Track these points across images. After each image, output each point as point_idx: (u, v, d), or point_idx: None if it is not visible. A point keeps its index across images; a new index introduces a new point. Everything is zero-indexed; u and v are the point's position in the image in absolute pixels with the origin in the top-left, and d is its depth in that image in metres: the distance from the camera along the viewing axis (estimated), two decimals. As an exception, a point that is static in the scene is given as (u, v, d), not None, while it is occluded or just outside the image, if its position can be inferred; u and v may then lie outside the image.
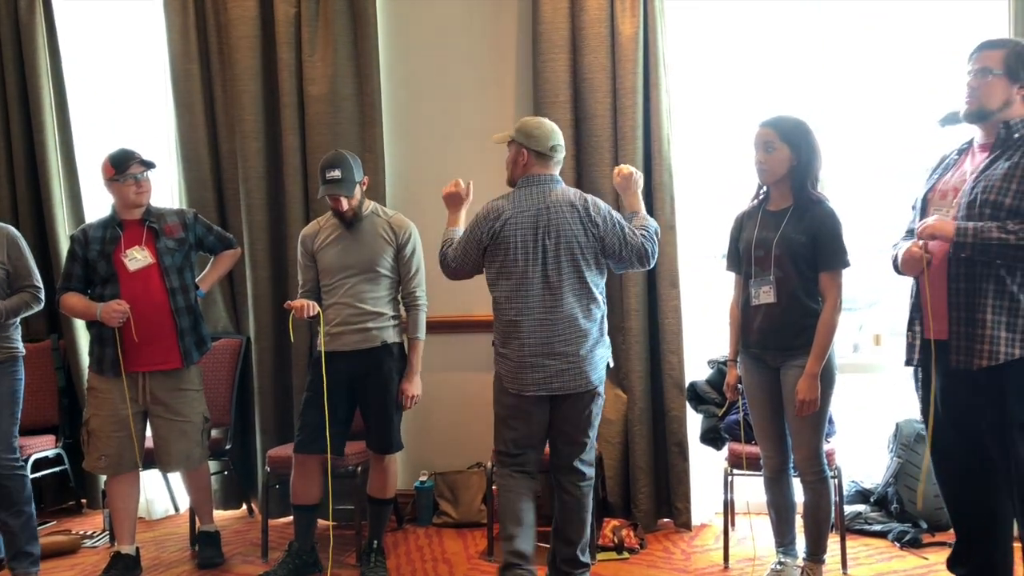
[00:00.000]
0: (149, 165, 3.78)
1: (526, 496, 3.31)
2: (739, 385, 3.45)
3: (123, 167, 3.70)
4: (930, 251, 2.70)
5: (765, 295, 3.21)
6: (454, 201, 3.54)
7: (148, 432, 3.86)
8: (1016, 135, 2.66)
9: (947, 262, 2.67)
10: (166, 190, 4.64)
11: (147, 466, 3.92)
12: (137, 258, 3.73)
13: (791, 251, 3.15)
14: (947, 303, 2.68)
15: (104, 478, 4.00)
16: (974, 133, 2.83)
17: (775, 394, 3.28)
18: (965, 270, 2.64)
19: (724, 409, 3.90)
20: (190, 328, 3.79)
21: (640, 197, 3.47)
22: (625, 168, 3.47)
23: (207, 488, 4.05)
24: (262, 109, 4.57)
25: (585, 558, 3.32)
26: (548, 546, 3.45)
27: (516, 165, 3.32)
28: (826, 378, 3.16)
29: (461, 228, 3.47)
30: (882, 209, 4.22)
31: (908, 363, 2.88)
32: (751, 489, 3.96)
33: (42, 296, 3.75)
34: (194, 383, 3.85)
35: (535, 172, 3.29)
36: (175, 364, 3.75)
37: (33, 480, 3.92)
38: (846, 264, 3.16)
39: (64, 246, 4.70)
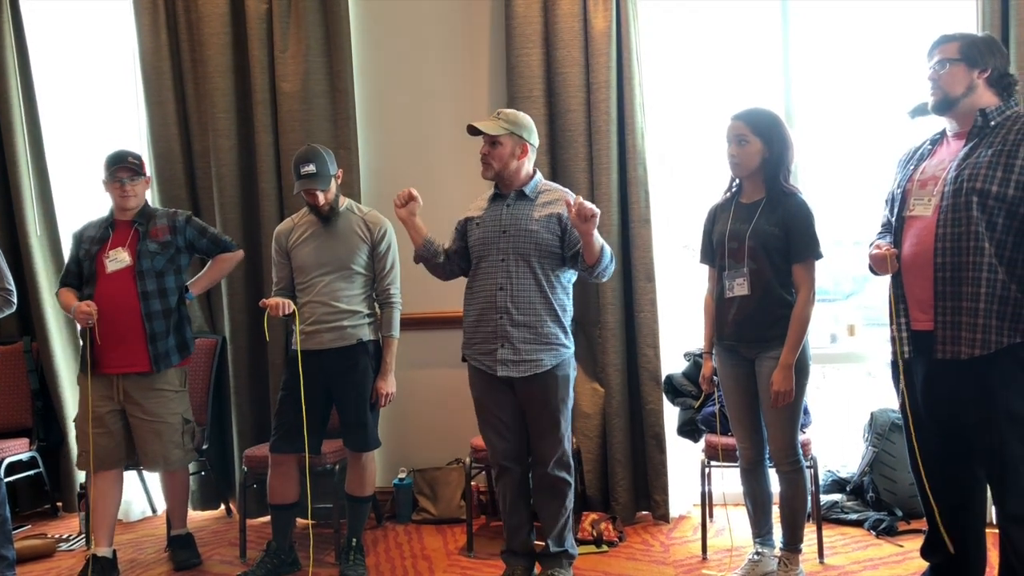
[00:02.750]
0: (137, 173, 3.75)
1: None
2: (715, 377, 3.47)
3: (111, 169, 3.72)
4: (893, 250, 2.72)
5: (739, 287, 3.22)
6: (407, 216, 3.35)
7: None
8: (993, 123, 2.67)
9: (932, 252, 2.66)
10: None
11: (132, 466, 3.90)
12: (117, 259, 3.72)
13: (764, 243, 3.16)
14: (933, 293, 2.67)
15: (80, 481, 3.98)
16: (942, 124, 2.84)
17: (750, 385, 3.30)
18: (951, 259, 2.63)
19: (700, 401, 3.91)
20: (165, 332, 3.75)
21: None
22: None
23: (183, 492, 4.01)
24: (234, 106, 4.54)
25: None
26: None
27: (516, 160, 3.31)
28: (800, 369, 3.18)
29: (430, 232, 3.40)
30: (855, 200, 4.26)
31: (898, 356, 2.80)
32: (728, 480, 3.99)
33: (14, 299, 3.70)
34: (172, 384, 3.81)
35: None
36: (143, 368, 3.71)
37: (7, 484, 3.87)
38: (819, 255, 3.17)
39: (34, 246, 4.70)
